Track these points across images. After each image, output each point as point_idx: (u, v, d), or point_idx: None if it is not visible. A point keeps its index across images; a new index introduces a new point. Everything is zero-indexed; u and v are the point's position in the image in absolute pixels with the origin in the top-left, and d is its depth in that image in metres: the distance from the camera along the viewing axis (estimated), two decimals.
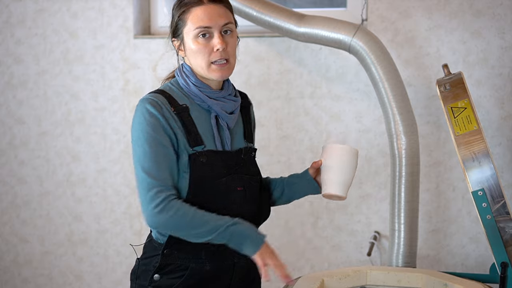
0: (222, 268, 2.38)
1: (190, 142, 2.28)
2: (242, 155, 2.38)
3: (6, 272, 4.12)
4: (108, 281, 4.02)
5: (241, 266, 2.42)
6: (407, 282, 2.81)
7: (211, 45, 2.29)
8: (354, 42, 3.30)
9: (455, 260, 3.65)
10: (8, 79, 4.00)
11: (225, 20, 2.29)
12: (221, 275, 2.39)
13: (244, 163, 2.38)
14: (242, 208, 2.35)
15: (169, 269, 2.36)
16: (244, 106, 2.49)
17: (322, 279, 2.73)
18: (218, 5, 2.31)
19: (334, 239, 3.76)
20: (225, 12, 2.31)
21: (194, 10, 2.29)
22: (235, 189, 2.34)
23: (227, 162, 2.33)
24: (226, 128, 2.36)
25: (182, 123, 2.28)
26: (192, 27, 2.29)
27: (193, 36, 2.29)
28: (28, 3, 3.94)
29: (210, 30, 2.28)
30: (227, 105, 2.36)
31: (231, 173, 2.33)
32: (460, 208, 3.62)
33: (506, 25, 3.50)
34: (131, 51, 3.87)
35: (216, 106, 2.33)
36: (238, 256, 2.36)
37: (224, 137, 2.36)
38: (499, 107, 3.53)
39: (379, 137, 3.66)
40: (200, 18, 2.28)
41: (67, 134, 3.97)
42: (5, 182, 4.07)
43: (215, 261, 2.36)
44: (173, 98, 2.32)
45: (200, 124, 2.32)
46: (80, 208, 4.01)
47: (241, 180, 2.36)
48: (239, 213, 2.31)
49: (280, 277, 2.30)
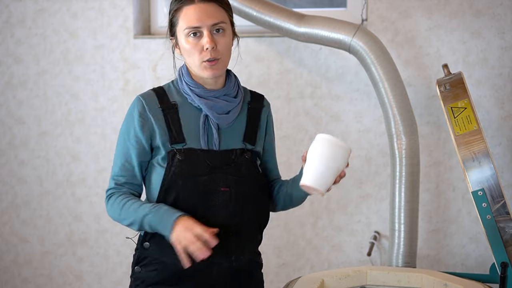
0: (197, 267, 2.29)
1: (170, 139, 2.31)
2: (233, 156, 2.36)
3: (6, 272, 4.12)
4: (108, 281, 4.02)
5: (222, 268, 2.36)
6: (407, 282, 2.81)
7: (201, 44, 2.28)
8: (354, 42, 3.30)
9: (455, 260, 3.65)
10: (8, 79, 4.00)
11: (214, 20, 2.28)
12: (196, 274, 2.35)
13: (234, 164, 2.35)
14: (226, 209, 2.32)
15: (146, 262, 2.39)
16: (254, 107, 2.46)
17: (322, 279, 2.73)
18: (210, 3, 2.29)
19: (334, 239, 3.76)
20: (216, 11, 2.29)
21: (185, 9, 2.29)
22: (218, 189, 2.32)
23: (210, 161, 2.31)
24: (216, 127, 2.35)
25: (166, 120, 2.33)
26: (183, 27, 2.29)
27: (185, 35, 2.30)
28: (28, 3, 3.94)
29: (200, 29, 2.28)
30: (219, 105, 2.34)
31: (213, 173, 2.32)
32: (460, 208, 3.62)
33: (506, 25, 3.50)
34: (131, 51, 3.87)
35: (204, 105, 2.33)
36: (219, 257, 2.33)
37: (212, 136, 2.35)
38: (499, 107, 3.53)
39: (379, 137, 3.66)
40: (189, 18, 2.27)
41: (67, 134, 3.97)
42: (5, 182, 4.06)
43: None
44: (166, 95, 2.37)
45: (189, 122, 2.34)
46: (80, 208, 4.01)
47: (226, 180, 2.32)
48: (222, 214, 2.31)
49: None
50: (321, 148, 2.20)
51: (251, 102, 2.46)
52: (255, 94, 2.51)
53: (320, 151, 2.19)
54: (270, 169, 2.57)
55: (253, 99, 2.48)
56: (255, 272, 2.49)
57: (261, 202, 2.44)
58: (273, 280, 3.82)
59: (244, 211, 2.36)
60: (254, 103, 2.47)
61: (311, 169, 2.19)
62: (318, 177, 2.19)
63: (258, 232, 2.47)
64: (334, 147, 2.19)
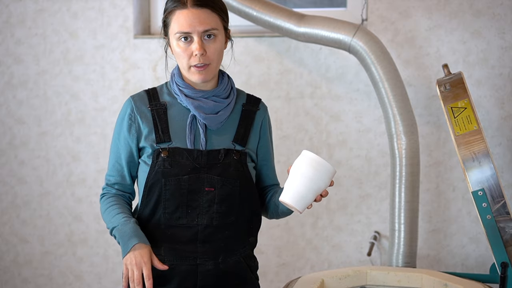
0: (181, 268, 2.34)
1: (156, 138, 2.34)
2: (219, 156, 2.34)
3: (6, 272, 4.12)
4: (108, 281, 4.01)
5: (206, 269, 2.35)
6: (407, 282, 2.81)
7: (191, 49, 2.29)
8: (354, 42, 3.30)
9: (455, 260, 3.65)
10: (8, 79, 4.00)
11: (205, 26, 2.27)
12: (179, 276, 2.35)
13: (221, 164, 2.33)
14: (211, 209, 2.32)
15: None
16: (248, 109, 2.45)
17: (322, 279, 2.73)
18: (202, 9, 2.28)
19: (334, 239, 3.76)
20: (208, 17, 2.28)
21: (177, 12, 2.29)
22: (202, 189, 2.32)
23: (195, 161, 2.31)
24: (204, 127, 2.34)
25: (153, 120, 2.35)
26: (174, 30, 2.30)
27: (176, 39, 2.30)
28: (28, 3, 3.94)
29: (190, 35, 2.28)
30: (207, 106, 2.34)
31: (198, 172, 2.32)
32: (460, 208, 3.61)
33: (506, 25, 3.49)
34: (131, 51, 3.86)
35: (191, 105, 2.33)
36: (203, 258, 2.34)
37: (198, 136, 2.34)
38: (499, 107, 3.53)
39: (379, 137, 3.65)
40: (181, 23, 2.28)
41: (67, 134, 3.97)
42: (5, 182, 4.06)
43: (173, 260, 2.34)
44: (157, 96, 2.40)
45: (177, 122, 2.35)
46: (80, 208, 4.00)
47: (211, 180, 2.32)
48: (206, 215, 2.31)
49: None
50: (305, 168, 2.16)
51: (246, 104, 2.45)
52: (251, 97, 2.49)
53: (303, 170, 2.16)
54: (265, 174, 2.53)
55: (248, 101, 2.47)
56: (247, 275, 2.45)
57: (249, 204, 2.40)
58: (273, 280, 3.82)
59: (229, 212, 2.34)
60: (248, 105, 2.46)
61: (292, 187, 2.17)
62: (297, 196, 2.17)
63: (248, 234, 2.44)
64: (319, 168, 2.15)
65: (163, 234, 2.34)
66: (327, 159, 3.68)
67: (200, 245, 2.34)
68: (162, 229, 2.34)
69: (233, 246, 2.39)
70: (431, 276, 2.77)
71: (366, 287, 2.84)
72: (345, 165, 3.70)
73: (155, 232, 2.35)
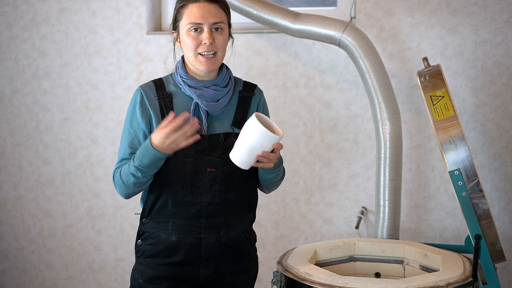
0: (186, 241, 2.34)
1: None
2: (219, 139, 2.34)
3: (32, 243, 4.12)
4: (124, 251, 4.02)
5: (209, 242, 2.35)
6: (391, 252, 2.82)
7: (200, 39, 2.29)
8: (344, 38, 3.29)
9: (434, 232, 3.65)
10: (34, 71, 3.99)
11: (215, 19, 2.29)
12: (185, 248, 2.35)
13: (221, 147, 2.33)
14: (213, 188, 2.32)
15: (145, 236, 2.40)
16: (244, 95, 2.45)
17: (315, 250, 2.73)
18: (213, 4, 2.31)
19: (326, 214, 3.76)
20: (217, 12, 2.31)
21: (190, 6, 2.30)
22: (205, 170, 2.32)
23: (198, 144, 2.29)
24: (206, 114, 2.33)
25: (160, 108, 2.35)
26: (186, 22, 2.30)
27: (186, 30, 2.30)
28: (52, 3, 3.92)
29: (201, 26, 2.29)
30: (208, 94, 2.33)
31: (201, 154, 2.31)
32: (438, 186, 3.61)
33: (479, 22, 3.48)
34: (144, 46, 3.85)
35: (194, 94, 2.33)
36: (206, 231, 2.34)
37: (201, 122, 2.33)
38: (473, 95, 3.52)
39: (366, 122, 3.65)
40: (193, 15, 2.28)
41: (87, 120, 3.96)
42: (32, 163, 4.06)
43: (180, 234, 2.34)
44: (163, 86, 2.39)
45: (182, 109, 2.33)
46: (99, 186, 4.00)
47: (213, 162, 2.31)
48: (209, 193, 2.32)
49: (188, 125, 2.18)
50: (244, 128, 2.17)
51: (242, 91, 2.45)
52: (247, 84, 2.49)
53: (246, 132, 2.16)
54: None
55: (245, 88, 2.47)
56: (246, 247, 2.44)
57: (247, 183, 2.40)
58: (271, 250, 3.82)
59: (229, 190, 2.35)
60: (245, 92, 2.45)
61: (236, 146, 2.19)
62: (239, 156, 2.18)
63: (248, 210, 2.44)
64: (261, 133, 2.13)
65: (170, 211, 2.35)
66: (319, 142, 3.68)
67: (204, 220, 2.34)
68: (169, 207, 2.35)
69: (233, 221, 2.39)
70: (412, 247, 2.77)
71: (354, 256, 2.85)
72: (335, 147, 3.70)
73: (163, 210, 2.36)
